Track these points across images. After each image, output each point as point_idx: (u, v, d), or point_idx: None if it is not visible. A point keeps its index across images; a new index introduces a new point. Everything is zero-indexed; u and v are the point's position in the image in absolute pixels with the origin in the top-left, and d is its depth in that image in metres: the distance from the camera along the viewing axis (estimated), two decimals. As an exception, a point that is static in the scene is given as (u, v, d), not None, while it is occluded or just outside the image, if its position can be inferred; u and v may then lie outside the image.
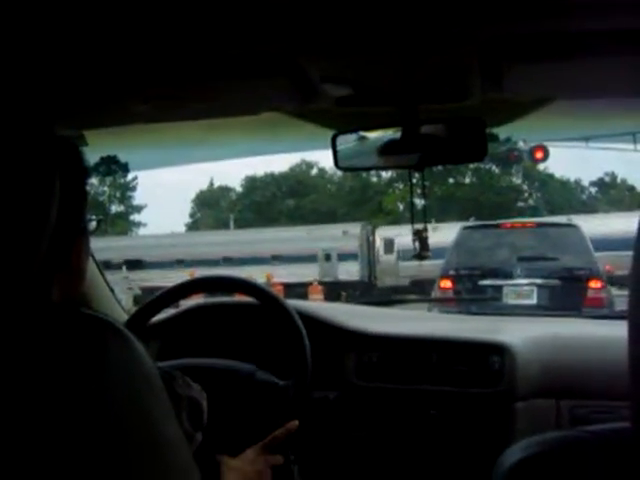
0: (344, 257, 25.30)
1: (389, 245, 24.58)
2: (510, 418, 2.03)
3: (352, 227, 27.05)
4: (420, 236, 2.01)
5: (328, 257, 26.06)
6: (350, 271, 24.92)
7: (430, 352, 2.16)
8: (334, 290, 20.89)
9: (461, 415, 2.09)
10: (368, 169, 2.04)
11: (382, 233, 25.97)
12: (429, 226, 2.06)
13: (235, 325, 2.37)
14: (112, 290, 2.72)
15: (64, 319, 0.77)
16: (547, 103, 1.88)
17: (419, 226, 2.02)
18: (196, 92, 1.72)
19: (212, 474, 1.66)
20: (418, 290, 20.54)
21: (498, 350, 2.09)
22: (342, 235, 26.08)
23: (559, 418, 2.03)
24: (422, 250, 2.01)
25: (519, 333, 2.24)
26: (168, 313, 2.44)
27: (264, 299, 2.08)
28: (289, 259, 25.26)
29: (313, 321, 2.21)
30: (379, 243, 25.29)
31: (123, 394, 0.76)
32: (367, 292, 24.17)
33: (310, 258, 25.53)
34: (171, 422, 0.83)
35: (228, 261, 25.15)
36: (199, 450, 1.53)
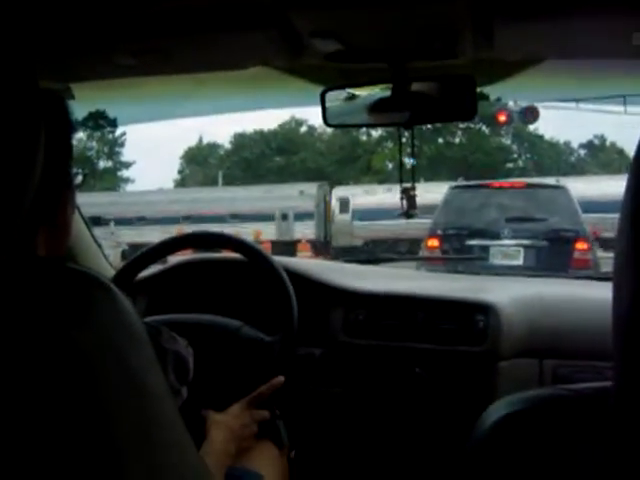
0: (300, 217, 25.42)
1: (344, 205, 24.65)
2: (494, 377, 2.05)
3: (309, 187, 27.18)
4: (408, 194, 2.00)
5: (285, 217, 26.23)
6: (305, 231, 24.96)
7: (416, 310, 2.17)
8: (289, 249, 20.86)
9: (445, 373, 2.11)
10: (357, 126, 2.03)
11: (338, 193, 26.03)
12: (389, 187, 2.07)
13: (222, 281, 2.38)
14: (99, 245, 2.71)
15: (48, 273, 0.77)
16: (537, 63, 1.87)
17: (407, 185, 2.01)
18: (183, 45, 1.70)
19: (198, 429, 1.67)
20: (369, 250, 20.52)
21: (483, 309, 2.10)
22: (299, 195, 26.25)
23: (542, 377, 2.05)
24: (409, 208, 2.01)
25: (504, 293, 2.25)
26: (155, 269, 2.44)
27: (251, 255, 2.08)
28: (247, 217, 25.23)
29: (300, 278, 2.21)
30: (334, 203, 25.39)
31: (108, 347, 0.76)
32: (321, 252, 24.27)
33: (268, 217, 25.62)
34: (156, 375, 0.83)
35: (187, 219, 25.05)
36: (185, 405, 1.55)
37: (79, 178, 1.14)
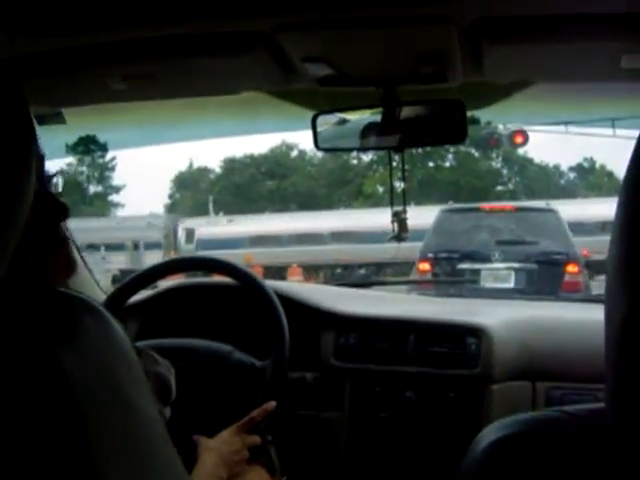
0: (150, 246, 26.01)
1: (190, 235, 25.17)
2: (486, 400, 2.04)
3: (157, 218, 27.93)
4: (399, 218, 2.00)
5: (136, 246, 26.91)
6: (155, 259, 25.36)
7: (408, 334, 2.17)
8: (279, 273, 21.07)
9: (437, 397, 2.10)
10: (348, 150, 2.04)
11: (184, 224, 26.56)
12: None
13: (213, 305, 2.37)
14: (90, 270, 2.70)
15: (37, 296, 0.76)
16: (527, 86, 1.89)
17: (398, 208, 2.02)
18: (174, 70, 1.71)
19: (189, 454, 1.66)
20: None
21: (475, 332, 2.10)
22: (147, 225, 26.95)
23: (535, 400, 2.05)
24: (400, 232, 2.01)
25: (496, 316, 2.25)
26: (147, 293, 2.43)
27: (242, 280, 2.08)
28: (99, 247, 25.58)
29: (291, 302, 2.21)
30: (181, 233, 25.93)
31: (98, 371, 0.75)
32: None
33: (119, 247, 26.19)
34: (147, 399, 0.82)
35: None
36: (175, 429, 1.53)
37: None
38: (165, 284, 2.50)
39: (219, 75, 1.76)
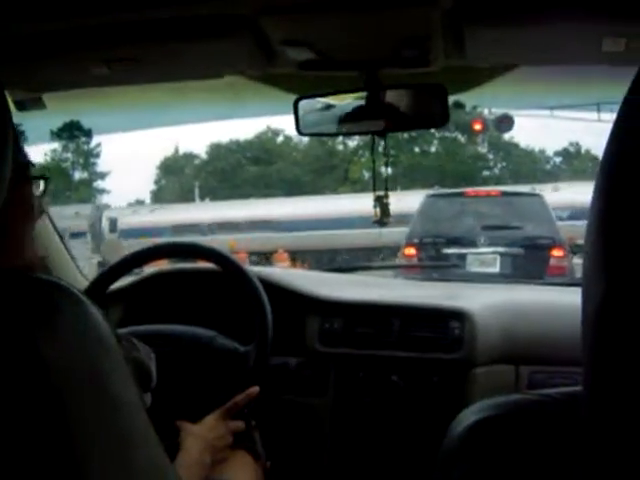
0: (77, 235, 26.28)
1: (113, 224, 25.35)
2: (470, 384, 2.05)
3: (83, 208, 28.20)
4: (381, 202, 2.00)
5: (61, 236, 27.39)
6: (81, 248, 25.67)
7: (392, 318, 2.17)
8: (266, 259, 21.13)
9: (421, 381, 2.10)
10: (331, 135, 2.03)
11: (107, 214, 26.72)
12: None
13: (197, 291, 2.37)
14: (72, 257, 2.69)
15: (15, 282, 0.76)
16: (509, 70, 1.88)
17: (381, 192, 2.02)
18: (156, 54, 1.70)
19: (172, 440, 1.66)
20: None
21: (458, 316, 2.10)
22: (74, 215, 27.25)
23: (518, 384, 2.05)
24: (383, 216, 2.01)
25: (480, 300, 2.25)
26: (130, 279, 2.43)
27: (225, 265, 2.07)
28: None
29: (275, 287, 2.20)
30: (105, 223, 26.12)
31: (77, 357, 0.75)
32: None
33: None
34: (129, 387, 0.82)
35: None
36: (158, 415, 1.53)
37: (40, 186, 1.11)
38: (148, 270, 2.49)
39: (201, 59, 1.75)
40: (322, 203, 23.65)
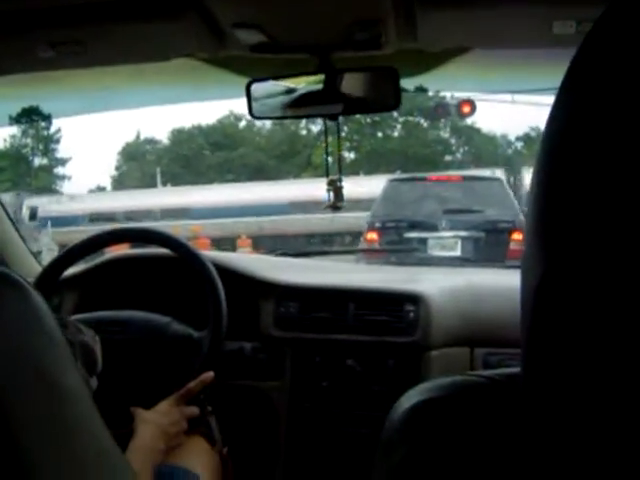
0: None
1: (33, 213, 25.40)
2: (425, 367, 2.06)
3: (7, 196, 28.40)
4: (334, 186, 2.00)
5: None
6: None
7: (347, 302, 2.17)
8: (228, 244, 21.12)
9: (377, 364, 2.11)
10: (281, 118, 2.01)
11: (28, 202, 26.73)
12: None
13: (152, 277, 2.35)
14: (26, 243, 2.67)
15: None
16: (463, 53, 1.89)
17: (334, 177, 2.01)
18: (102, 36, 1.67)
19: (126, 427, 1.65)
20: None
21: (413, 300, 2.11)
22: None
23: (473, 366, 2.06)
24: (336, 200, 2.01)
25: (435, 283, 2.26)
26: (84, 266, 2.40)
27: (178, 250, 2.06)
28: None
29: (229, 272, 2.20)
30: (25, 211, 26.18)
31: (18, 345, 0.74)
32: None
33: None
34: (71, 373, 0.81)
35: None
36: (112, 402, 1.52)
37: None
38: (104, 256, 2.47)
39: (148, 42, 1.73)
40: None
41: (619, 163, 0.44)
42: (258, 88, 1.87)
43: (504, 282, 2.37)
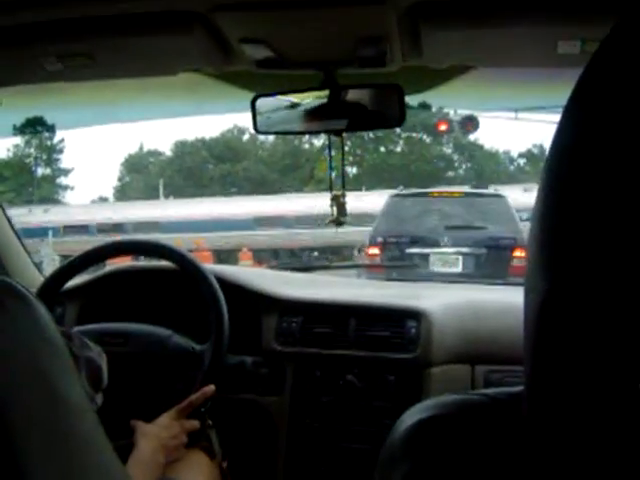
0: None
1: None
2: (426, 383, 2.05)
3: None
4: (338, 201, 2.00)
5: None
6: None
7: (349, 317, 2.17)
8: (230, 258, 21.17)
9: (378, 380, 2.11)
10: (286, 134, 2.02)
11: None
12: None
13: (154, 289, 2.35)
14: (29, 254, 2.67)
15: None
16: (466, 71, 1.89)
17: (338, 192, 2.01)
18: (110, 50, 1.68)
19: (126, 440, 1.65)
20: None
21: (414, 316, 2.11)
22: None
23: (474, 383, 2.06)
24: (339, 215, 2.01)
25: (437, 299, 2.26)
26: (86, 277, 2.41)
27: (181, 263, 2.06)
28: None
29: (232, 286, 2.20)
30: None
31: (22, 356, 0.74)
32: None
33: None
34: (75, 385, 0.81)
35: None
36: (112, 415, 1.52)
37: None
38: (106, 268, 2.48)
39: (155, 56, 1.73)
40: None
41: (625, 181, 0.44)
42: (263, 103, 1.88)
43: (506, 299, 2.37)
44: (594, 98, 0.47)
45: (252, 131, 1.91)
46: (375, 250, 9.19)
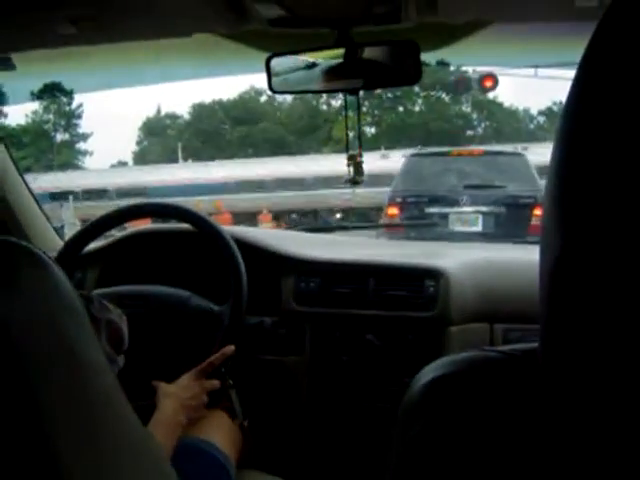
0: None
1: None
2: (445, 342, 2.06)
3: None
4: (354, 161, 1.99)
5: None
6: None
7: (367, 277, 2.17)
8: (250, 220, 21.15)
9: (397, 339, 2.11)
10: (302, 92, 2.01)
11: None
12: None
13: (173, 251, 2.36)
14: (49, 219, 2.69)
15: None
16: (483, 27, 1.87)
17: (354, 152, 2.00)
18: (124, 12, 1.67)
19: (148, 399, 1.67)
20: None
21: (433, 275, 2.10)
22: None
23: (493, 342, 2.06)
24: (356, 175, 2.00)
25: (456, 258, 2.25)
26: (105, 241, 2.42)
27: (200, 225, 2.07)
28: None
29: (250, 247, 2.20)
30: None
31: (38, 316, 0.75)
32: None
33: None
34: (94, 347, 0.82)
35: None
36: (133, 376, 1.54)
37: None
38: (125, 231, 2.49)
39: (169, 17, 1.73)
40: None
41: (637, 139, 0.44)
42: (278, 63, 1.86)
43: (523, 257, 2.36)
44: (605, 57, 0.47)
45: (270, 93, 1.90)
46: (394, 210, 9.15)
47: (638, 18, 0.45)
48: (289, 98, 39.87)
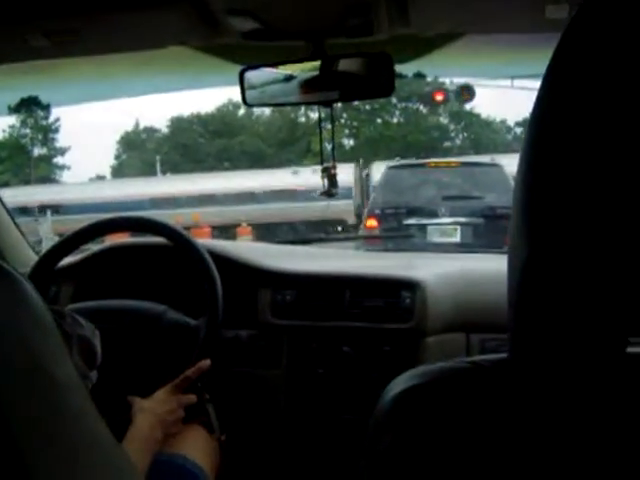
0: None
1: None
2: (421, 353, 2.06)
3: None
4: (328, 173, 2.00)
5: None
6: None
7: (343, 289, 2.17)
8: (229, 233, 21.10)
9: (374, 351, 2.11)
10: (277, 105, 2.01)
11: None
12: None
13: (148, 266, 2.35)
14: (23, 234, 2.67)
15: None
16: (456, 39, 1.88)
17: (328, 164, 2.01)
18: (97, 25, 1.67)
19: (123, 415, 1.66)
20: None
21: (409, 286, 2.10)
22: None
23: (469, 352, 2.06)
24: (330, 187, 2.01)
25: (432, 269, 2.26)
26: (80, 256, 2.40)
27: (174, 239, 2.06)
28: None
29: (226, 260, 2.20)
30: None
31: (8, 335, 0.74)
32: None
33: None
34: (64, 362, 0.81)
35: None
36: (108, 391, 1.53)
37: None
38: (99, 245, 2.47)
39: (142, 30, 1.72)
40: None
41: (600, 149, 0.44)
42: (254, 75, 1.86)
43: (500, 267, 2.35)
44: (569, 66, 0.48)
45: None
46: (373, 222, 9.18)
47: (600, 30, 0.46)
48: (267, 111, 39.88)
